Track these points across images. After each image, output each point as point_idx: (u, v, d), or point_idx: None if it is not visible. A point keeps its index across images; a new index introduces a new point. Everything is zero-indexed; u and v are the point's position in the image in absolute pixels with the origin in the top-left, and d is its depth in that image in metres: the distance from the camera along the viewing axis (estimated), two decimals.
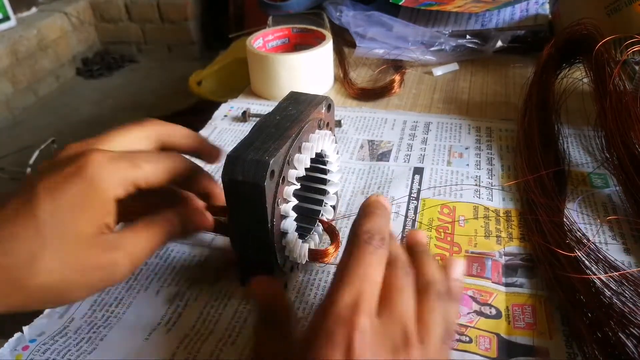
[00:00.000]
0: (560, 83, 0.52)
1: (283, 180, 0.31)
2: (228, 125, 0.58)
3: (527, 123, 0.48)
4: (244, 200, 0.30)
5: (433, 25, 0.74)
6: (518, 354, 0.31)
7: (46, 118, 2.10)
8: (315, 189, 0.39)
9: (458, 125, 0.54)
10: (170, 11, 2.45)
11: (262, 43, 0.64)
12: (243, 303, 0.35)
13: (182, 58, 2.52)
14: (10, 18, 2.12)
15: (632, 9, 0.52)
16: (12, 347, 0.33)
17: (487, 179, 0.46)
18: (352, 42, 0.72)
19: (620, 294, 0.31)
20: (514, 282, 0.35)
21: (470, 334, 0.32)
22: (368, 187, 0.46)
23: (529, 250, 0.38)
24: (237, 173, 0.29)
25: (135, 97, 2.23)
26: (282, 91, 0.59)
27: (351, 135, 0.54)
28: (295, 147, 0.32)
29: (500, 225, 0.40)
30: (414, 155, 0.50)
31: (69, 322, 0.34)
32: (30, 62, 2.15)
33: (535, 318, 0.33)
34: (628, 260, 0.36)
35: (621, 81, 0.42)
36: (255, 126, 0.33)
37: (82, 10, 2.46)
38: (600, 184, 0.44)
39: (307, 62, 0.59)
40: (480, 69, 0.67)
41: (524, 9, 0.73)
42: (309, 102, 0.36)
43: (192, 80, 1.53)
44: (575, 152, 0.48)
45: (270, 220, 0.30)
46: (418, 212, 0.42)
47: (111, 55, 2.57)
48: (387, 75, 0.67)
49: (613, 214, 0.40)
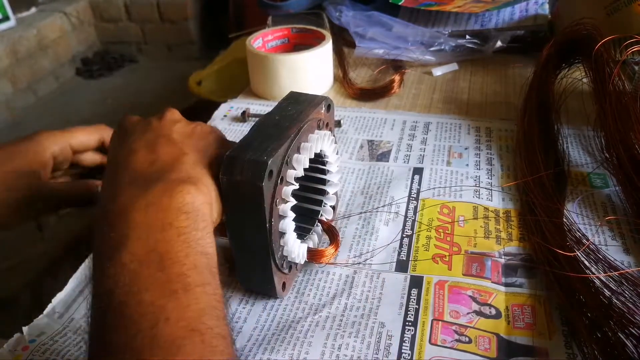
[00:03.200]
0: (560, 83, 0.52)
1: (281, 180, 0.31)
2: (228, 125, 0.58)
3: (527, 123, 0.48)
4: (242, 200, 0.30)
5: (433, 25, 0.74)
6: (518, 354, 0.31)
7: (46, 118, 2.09)
8: (315, 189, 0.39)
9: (458, 126, 0.54)
10: (170, 11, 2.45)
11: (261, 43, 0.64)
12: (243, 303, 0.35)
13: (182, 58, 2.52)
14: (10, 18, 2.12)
15: (632, 9, 0.52)
16: (12, 348, 0.33)
17: (487, 179, 0.46)
18: (352, 42, 0.72)
19: (620, 294, 0.31)
20: (514, 282, 0.35)
21: (470, 334, 0.32)
22: (367, 187, 0.46)
23: (528, 250, 0.38)
24: (235, 173, 0.29)
25: (135, 97, 2.23)
26: (282, 91, 0.59)
27: (351, 135, 0.54)
28: (294, 147, 0.32)
29: (499, 226, 0.40)
30: (414, 156, 0.50)
31: (69, 322, 0.34)
32: (30, 62, 2.15)
33: (535, 318, 0.33)
34: (627, 260, 0.36)
35: (621, 81, 0.42)
36: (254, 126, 0.33)
37: (81, 10, 2.46)
38: (600, 184, 0.44)
39: (307, 62, 0.59)
40: (480, 69, 0.67)
41: (523, 9, 0.73)
42: (308, 102, 0.36)
43: (192, 80, 1.53)
44: (574, 152, 0.48)
45: (268, 220, 0.30)
46: (418, 212, 0.42)
47: (111, 55, 2.57)
48: (386, 75, 0.67)
49: (612, 214, 0.40)
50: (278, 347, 0.32)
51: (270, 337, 0.32)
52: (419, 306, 0.34)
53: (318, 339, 0.32)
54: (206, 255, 0.26)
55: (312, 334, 0.32)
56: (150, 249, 0.24)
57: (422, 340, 0.31)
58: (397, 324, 0.33)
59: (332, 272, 0.37)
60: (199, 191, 0.28)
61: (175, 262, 0.24)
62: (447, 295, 0.34)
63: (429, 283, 0.35)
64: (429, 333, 0.32)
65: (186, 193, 0.27)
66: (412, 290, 0.35)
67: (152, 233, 0.25)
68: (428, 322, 0.33)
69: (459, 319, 0.33)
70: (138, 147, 0.30)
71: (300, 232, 0.37)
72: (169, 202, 0.26)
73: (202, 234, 0.26)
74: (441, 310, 0.33)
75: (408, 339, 0.32)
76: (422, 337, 0.32)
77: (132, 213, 0.25)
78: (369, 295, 0.35)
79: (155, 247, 0.24)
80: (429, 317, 0.33)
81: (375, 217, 0.42)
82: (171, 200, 0.26)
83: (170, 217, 0.26)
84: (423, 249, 0.38)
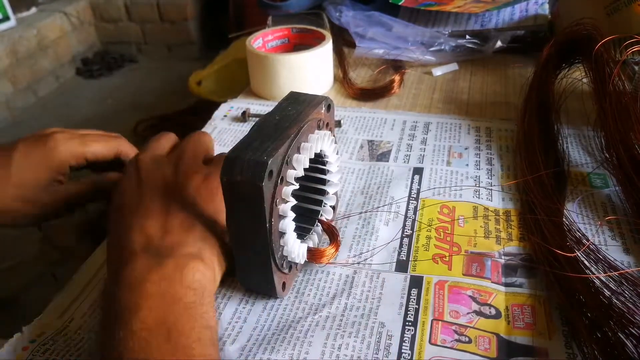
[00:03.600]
0: (560, 83, 0.52)
1: (282, 180, 0.31)
2: (228, 125, 0.58)
3: (527, 123, 0.48)
4: (242, 200, 0.30)
5: (433, 25, 0.74)
6: (517, 354, 0.31)
7: (46, 118, 2.09)
8: (315, 189, 0.39)
9: (458, 126, 0.54)
10: (170, 11, 2.45)
11: (261, 43, 0.64)
12: (243, 303, 0.35)
13: (182, 58, 2.52)
14: (10, 18, 2.12)
15: (632, 9, 0.52)
16: (12, 348, 0.33)
17: (487, 179, 0.46)
18: (352, 42, 0.72)
19: (620, 294, 0.31)
20: (514, 282, 0.35)
21: (470, 334, 0.32)
22: (367, 187, 0.46)
23: (528, 250, 0.38)
24: (235, 173, 0.29)
25: (135, 97, 2.23)
26: (282, 91, 0.59)
27: (351, 135, 0.54)
28: (294, 147, 0.32)
29: (499, 226, 0.40)
30: (414, 156, 0.50)
31: (69, 322, 0.34)
32: (30, 62, 2.15)
33: (535, 318, 0.33)
34: (627, 260, 0.36)
35: (621, 81, 0.42)
36: (254, 126, 0.33)
37: (82, 10, 2.46)
38: (600, 184, 0.44)
39: (307, 62, 0.59)
40: (480, 69, 0.67)
41: (523, 9, 0.73)
42: (308, 102, 0.36)
43: (192, 80, 1.53)
44: (574, 152, 0.48)
45: (268, 220, 0.30)
46: (418, 212, 0.42)
47: (111, 55, 2.57)
48: (386, 75, 0.67)
49: (612, 214, 0.40)
50: (278, 347, 0.32)
51: (270, 337, 0.32)
52: (419, 306, 0.34)
53: (318, 338, 0.32)
54: (210, 329, 0.29)
55: (312, 334, 0.32)
56: (160, 320, 0.26)
57: (422, 340, 0.31)
58: (397, 324, 0.33)
59: (332, 272, 0.37)
60: (207, 267, 0.31)
61: (181, 335, 0.26)
62: (447, 295, 0.34)
63: (428, 283, 0.35)
64: (428, 333, 0.32)
65: (196, 270, 0.30)
66: (412, 290, 0.35)
67: (162, 305, 0.27)
68: (428, 322, 0.33)
69: (458, 319, 0.33)
70: (152, 209, 0.33)
71: (300, 232, 0.37)
72: (180, 278, 0.29)
73: (206, 308, 0.29)
74: (441, 310, 0.33)
75: (408, 339, 0.32)
76: (422, 337, 0.32)
77: (146, 285, 0.28)
78: (369, 295, 0.35)
79: (165, 319, 0.27)
80: (428, 317, 0.33)
81: (375, 217, 0.42)
82: (182, 277, 0.29)
83: (180, 292, 0.28)
84: (423, 249, 0.38)
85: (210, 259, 0.32)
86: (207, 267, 0.31)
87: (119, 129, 0.50)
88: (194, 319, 0.28)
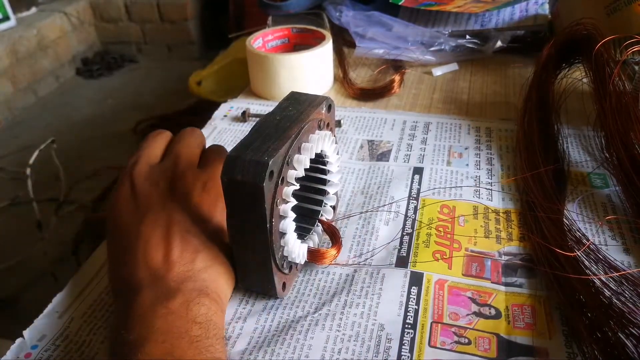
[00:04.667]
0: (560, 83, 0.52)
1: (282, 180, 0.31)
2: (228, 125, 0.58)
3: (527, 123, 0.48)
4: (243, 200, 0.30)
5: (433, 25, 0.74)
6: (517, 354, 0.31)
7: (46, 118, 2.10)
8: (315, 189, 0.39)
9: (458, 126, 0.54)
10: (170, 11, 2.45)
11: (261, 43, 0.64)
12: (243, 303, 0.35)
13: (182, 58, 2.52)
14: (10, 18, 2.12)
15: (632, 9, 0.52)
16: (14, 355, 0.32)
17: (487, 179, 0.46)
18: (352, 42, 0.72)
19: (620, 294, 0.31)
20: (514, 282, 0.35)
21: (470, 335, 0.32)
22: (368, 187, 0.46)
23: (528, 250, 0.38)
24: (236, 173, 0.29)
25: (135, 97, 2.23)
26: (282, 91, 0.59)
27: (351, 135, 0.54)
28: (294, 147, 0.32)
29: (500, 225, 0.40)
30: (414, 155, 0.50)
31: (69, 323, 0.34)
32: (30, 62, 2.15)
33: (535, 318, 0.33)
34: (628, 260, 0.36)
35: (621, 81, 0.42)
36: (254, 126, 0.33)
37: (82, 10, 2.46)
38: (600, 184, 0.44)
39: (307, 62, 0.59)
40: (480, 69, 0.67)
41: (523, 9, 0.73)
42: (309, 102, 0.36)
43: (192, 80, 1.53)
44: (574, 152, 0.48)
45: (269, 221, 0.30)
46: (418, 211, 0.42)
47: (111, 55, 2.57)
48: (386, 75, 0.67)
49: (613, 214, 0.40)
50: (278, 348, 0.32)
51: (270, 338, 0.32)
52: (419, 307, 0.34)
53: (318, 340, 0.32)
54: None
55: (312, 335, 0.32)
56: (166, 353, 0.27)
57: (421, 343, 0.31)
58: (396, 326, 0.33)
59: (333, 272, 0.37)
60: (213, 301, 0.31)
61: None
62: (447, 296, 0.34)
63: (428, 281, 0.35)
64: (428, 335, 0.32)
65: (201, 305, 0.30)
66: (412, 288, 0.35)
67: (169, 339, 0.27)
68: (427, 325, 0.33)
69: (458, 320, 0.33)
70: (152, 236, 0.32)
71: (301, 232, 0.37)
72: (187, 313, 0.29)
73: (212, 342, 0.29)
74: (440, 313, 0.33)
75: (407, 341, 0.32)
76: (422, 340, 0.32)
77: (154, 319, 0.28)
78: (369, 291, 0.35)
79: (171, 352, 0.27)
80: (428, 320, 0.33)
81: (376, 217, 0.42)
82: (188, 312, 0.29)
83: (186, 326, 0.28)
84: (423, 246, 0.38)
85: (215, 293, 0.32)
86: (213, 301, 0.31)
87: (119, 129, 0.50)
88: (199, 352, 0.28)
